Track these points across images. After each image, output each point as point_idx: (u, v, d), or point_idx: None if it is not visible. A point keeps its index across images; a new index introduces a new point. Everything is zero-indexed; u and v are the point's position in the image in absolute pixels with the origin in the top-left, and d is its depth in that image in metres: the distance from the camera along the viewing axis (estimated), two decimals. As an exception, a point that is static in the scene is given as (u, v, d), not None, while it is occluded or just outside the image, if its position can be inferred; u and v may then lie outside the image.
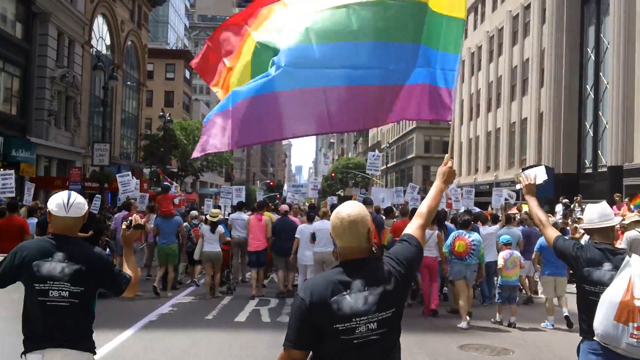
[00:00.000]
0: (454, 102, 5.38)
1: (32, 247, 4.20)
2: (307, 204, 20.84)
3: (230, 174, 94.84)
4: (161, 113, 45.35)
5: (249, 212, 16.77)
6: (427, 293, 12.51)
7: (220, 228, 14.64)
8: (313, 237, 13.53)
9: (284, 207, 16.41)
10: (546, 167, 31.84)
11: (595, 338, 4.49)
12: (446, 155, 4.22)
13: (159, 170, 42.87)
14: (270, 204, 21.04)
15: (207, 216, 15.08)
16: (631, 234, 10.91)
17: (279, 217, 15.63)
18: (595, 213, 4.96)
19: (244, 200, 19.70)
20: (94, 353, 4.25)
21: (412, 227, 3.58)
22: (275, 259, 15.30)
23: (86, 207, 4.46)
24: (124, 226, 4.55)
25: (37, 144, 32.82)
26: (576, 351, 4.82)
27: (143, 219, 4.68)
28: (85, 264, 4.16)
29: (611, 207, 16.76)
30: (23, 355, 4.09)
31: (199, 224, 15.94)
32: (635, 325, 4.26)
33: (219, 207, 21.02)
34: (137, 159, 53.55)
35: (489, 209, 22.04)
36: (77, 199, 4.33)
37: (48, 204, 4.35)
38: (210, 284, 14.41)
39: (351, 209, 3.23)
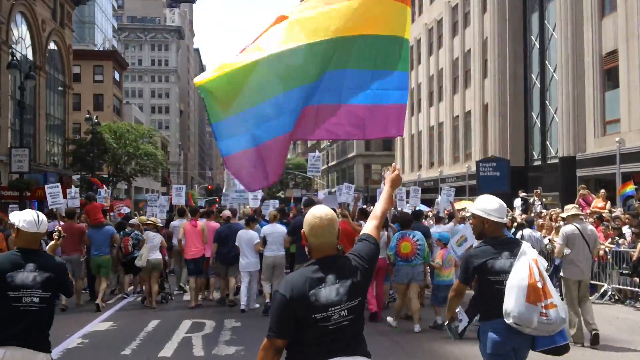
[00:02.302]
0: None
1: (3, 260, 4.80)
2: (246, 207, 19.82)
3: (167, 178, 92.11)
4: (87, 115, 42.62)
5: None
6: (370, 293, 11.89)
7: (160, 236, 14.42)
8: (264, 241, 12.95)
9: (227, 212, 15.22)
10: (501, 160, 30.86)
11: (508, 321, 4.80)
12: (393, 163, 4.69)
13: (92, 178, 40.21)
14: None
15: (150, 221, 14.65)
16: (568, 228, 10.09)
17: (222, 223, 14.53)
18: (497, 205, 5.18)
19: (184, 203, 18.77)
20: (50, 352, 4.85)
21: (369, 228, 3.99)
22: (217, 267, 14.14)
23: None
24: (55, 236, 5.38)
25: (-50, 152, 30.37)
26: (477, 335, 5.19)
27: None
28: (53, 272, 4.85)
29: (572, 202, 15.49)
30: None
31: (131, 232, 14.91)
32: (543, 304, 4.71)
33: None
34: (65, 165, 50.61)
35: (434, 206, 21.05)
36: (43, 216, 5.02)
37: (14, 220, 4.93)
38: (149, 293, 13.87)
39: (325, 210, 3.70)
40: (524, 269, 4.80)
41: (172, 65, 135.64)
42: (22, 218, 4.87)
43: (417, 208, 17.77)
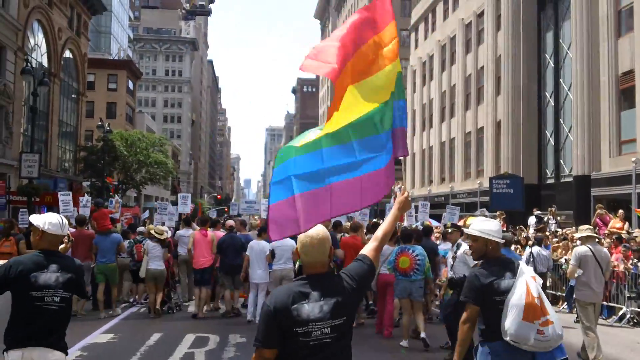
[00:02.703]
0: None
1: (26, 261, 4.94)
2: (255, 218, 19.71)
3: (176, 187, 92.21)
4: (99, 123, 42.69)
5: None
6: (381, 311, 12.09)
7: (159, 247, 13.89)
8: (272, 254, 12.61)
9: (229, 222, 15.11)
10: (515, 177, 30.54)
11: (505, 338, 4.89)
12: (402, 186, 4.59)
13: (107, 178, 39.81)
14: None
15: (152, 231, 14.12)
16: (581, 249, 10.08)
17: (225, 232, 14.40)
18: (497, 227, 5.33)
19: (189, 211, 18.69)
20: (67, 353, 4.97)
21: (367, 249, 4.06)
22: (221, 278, 13.96)
23: None
24: (65, 240, 5.51)
25: (-38, 156, 30.46)
26: (474, 353, 5.26)
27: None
28: (74, 273, 5.05)
29: (586, 221, 15.30)
30: (5, 353, 4.74)
31: (143, 240, 14.85)
32: (539, 322, 4.82)
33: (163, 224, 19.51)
34: (76, 171, 50.70)
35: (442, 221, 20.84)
36: (65, 219, 5.26)
37: (38, 222, 5.05)
38: (154, 303, 13.57)
39: (318, 229, 3.90)
40: (521, 288, 4.91)
41: (186, 75, 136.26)
42: (48, 220, 5.04)
43: (432, 223, 17.66)
